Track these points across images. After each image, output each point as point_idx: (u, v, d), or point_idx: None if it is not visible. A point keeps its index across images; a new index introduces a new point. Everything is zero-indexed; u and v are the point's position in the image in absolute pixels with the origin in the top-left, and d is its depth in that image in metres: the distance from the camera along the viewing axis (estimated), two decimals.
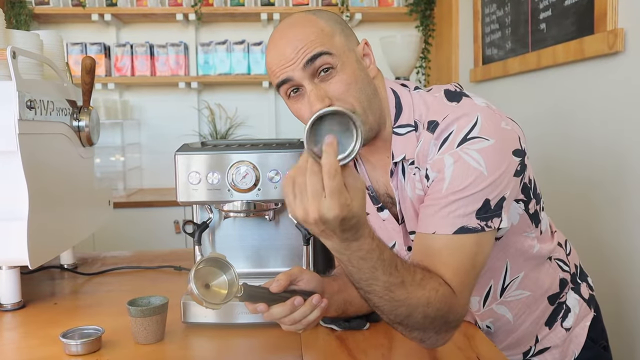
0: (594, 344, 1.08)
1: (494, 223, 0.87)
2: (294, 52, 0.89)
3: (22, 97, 1.07)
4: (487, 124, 0.87)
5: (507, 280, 1.01)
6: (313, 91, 0.89)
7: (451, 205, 0.85)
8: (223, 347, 0.97)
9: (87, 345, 0.91)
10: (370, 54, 0.96)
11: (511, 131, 0.90)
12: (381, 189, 1.02)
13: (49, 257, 1.19)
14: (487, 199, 0.85)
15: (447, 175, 0.86)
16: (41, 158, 1.16)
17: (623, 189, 1.53)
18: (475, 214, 0.85)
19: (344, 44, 0.92)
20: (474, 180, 0.84)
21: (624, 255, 1.53)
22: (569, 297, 1.08)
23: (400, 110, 0.95)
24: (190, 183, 1.04)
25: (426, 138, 0.91)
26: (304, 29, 0.91)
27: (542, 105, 1.98)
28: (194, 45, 3.23)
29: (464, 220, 0.85)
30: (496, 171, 0.85)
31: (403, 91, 0.97)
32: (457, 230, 0.85)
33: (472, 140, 0.85)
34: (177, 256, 1.56)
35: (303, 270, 0.91)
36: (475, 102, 0.91)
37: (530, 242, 1.00)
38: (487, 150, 0.85)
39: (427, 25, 3.14)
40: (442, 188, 0.86)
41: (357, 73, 0.92)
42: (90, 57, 1.30)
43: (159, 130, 3.27)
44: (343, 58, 0.90)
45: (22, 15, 2.96)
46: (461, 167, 0.85)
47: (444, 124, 0.88)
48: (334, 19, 0.94)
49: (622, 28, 1.50)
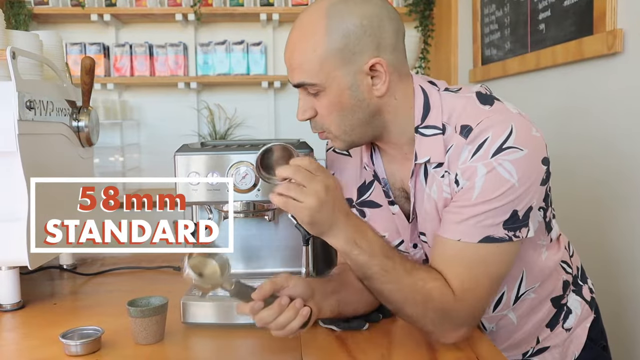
0: (593, 344, 1.08)
1: (522, 233, 0.88)
2: (290, 66, 0.93)
3: (22, 97, 1.07)
4: (521, 132, 0.86)
5: (522, 289, 1.02)
6: (300, 102, 0.95)
7: (479, 216, 0.86)
8: (223, 347, 0.97)
9: (87, 345, 0.91)
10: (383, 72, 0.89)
11: (540, 138, 0.90)
12: (397, 182, 1.02)
13: (48, 257, 1.19)
14: (515, 210, 0.86)
15: (477, 185, 0.86)
16: (41, 158, 1.16)
17: (623, 189, 1.53)
18: (503, 224, 0.86)
19: (336, 69, 0.88)
20: (504, 192, 0.85)
21: (626, 255, 1.53)
22: (570, 299, 1.08)
23: (428, 111, 0.94)
24: (190, 183, 1.04)
25: (458, 142, 0.89)
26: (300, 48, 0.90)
27: (541, 106, 1.99)
28: (193, 46, 3.23)
29: (490, 230, 0.86)
30: (527, 182, 0.86)
31: (432, 90, 0.95)
32: (483, 239, 0.86)
33: (507, 150, 0.85)
34: (177, 256, 1.56)
35: (289, 277, 0.91)
36: (508, 108, 0.91)
37: (540, 249, 1.01)
38: (520, 162, 0.85)
39: (427, 26, 3.14)
40: (471, 197, 0.86)
41: (344, 100, 0.90)
42: (90, 57, 1.29)
43: (158, 130, 3.27)
44: (330, 84, 0.89)
45: (22, 15, 2.96)
46: (493, 178, 0.85)
47: (478, 130, 0.87)
48: (343, 31, 0.87)
49: (621, 29, 1.51)
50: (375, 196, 1.05)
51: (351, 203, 1.08)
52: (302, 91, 0.94)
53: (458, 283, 0.88)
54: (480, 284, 0.88)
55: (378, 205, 1.05)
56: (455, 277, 0.88)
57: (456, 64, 2.84)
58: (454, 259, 0.89)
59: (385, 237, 1.05)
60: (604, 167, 1.61)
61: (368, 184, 1.06)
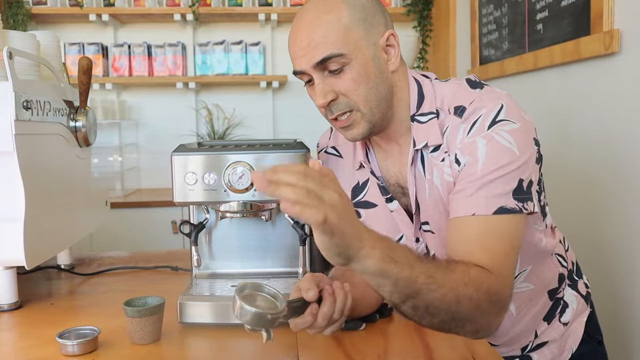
0: (590, 338, 1.09)
1: (528, 206, 0.88)
2: (307, 46, 0.90)
3: (19, 97, 1.07)
4: (512, 109, 0.90)
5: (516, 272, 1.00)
6: (319, 85, 0.92)
7: (488, 186, 0.86)
8: (219, 347, 0.97)
9: (83, 345, 0.91)
10: (396, 46, 0.95)
11: (530, 121, 0.93)
12: (392, 178, 1.03)
13: (45, 257, 1.19)
14: (521, 179, 0.87)
15: (480, 157, 0.87)
16: (38, 159, 1.16)
17: (619, 188, 1.53)
18: (512, 193, 0.86)
19: (361, 39, 0.90)
20: (509, 160, 0.86)
21: (622, 252, 1.53)
22: (567, 293, 1.09)
23: (422, 99, 0.96)
24: (187, 183, 1.04)
25: (454, 123, 0.92)
26: (322, 22, 0.89)
27: (538, 106, 1.99)
28: (191, 46, 3.23)
29: (502, 201, 0.86)
30: (526, 152, 0.88)
31: (425, 80, 0.99)
32: (497, 210, 0.85)
33: (502, 122, 0.88)
34: (174, 257, 1.56)
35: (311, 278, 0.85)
36: (497, 90, 0.94)
37: (539, 235, 1.01)
38: (517, 132, 0.88)
39: (425, 26, 3.14)
40: (476, 170, 0.87)
41: (370, 70, 0.91)
42: (87, 57, 1.30)
43: (156, 130, 3.27)
44: (356, 55, 0.90)
45: (20, 15, 2.96)
46: (494, 147, 0.87)
47: (472, 108, 0.90)
48: (360, 5, 0.91)
49: (618, 29, 1.51)
50: (371, 196, 1.05)
51: None
52: (319, 74, 0.91)
53: (489, 259, 0.82)
54: (508, 255, 0.85)
55: (373, 205, 1.05)
56: (484, 253, 0.83)
57: (454, 64, 2.84)
58: (476, 236, 0.85)
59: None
60: (600, 165, 1.62)
61: (362, 184, 1.06)
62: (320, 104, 0.92)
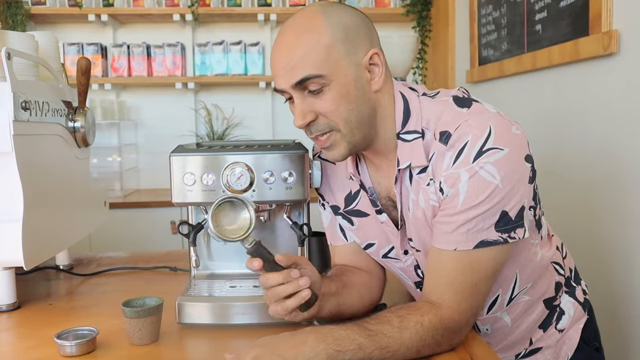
0: (586, 345, 1.08)
1: (517, 234, 0.88)
2: (286, 65, 0.88)
3: (17, 98, 1.07)
4: (500, 132, 0.85)
5: (515, 291, 1.01)
6: (299, 106, 0.90)
7: (469, 222, 0.86)
8: (218, 348, 0.97)
9: (82, 346, 0.91)
10: (380, 65, 0.91)
11: (521, 136, 0.89)
12: (383, 191, 1.02)
13: (44, 258, 1.19)
14: (505, 211, 0.86)
15: (461, 191, 0.85)
16: (36, 159, 1.16)
17: (619, 191, 1.53)
18: (495, 226, 0.86)
19: (342, 58, 0.87)
20: (489, 195, 0.84)
21: (620, 256, 1.53)
22: (564, 300, 1.08)
23: (408, 117, 0.93)
24: (185, 184, 1.04)
25: (439, 149, 0.89)
26: (302, 41, 0.87)
27: (537, 106, 1.99)
28: (190, 46, 3.23)
29: (483, 235, 0.86)
30: (511, 181, 0.85)
31: (412, 96, 0.95)
32: (478, 244, 0.87)
33: (488, 152, 0.84)
34: (172, 257, 1.56)
35: (308, 262, 0.95)
36: (485, 108, 0.90)
37: (535, 249, 1.00)
38: (501, 161, 0.84)
39: (424, 26, 3.14)
40: (457, 204, 0.86)
41: (351, 91, 0.88)
42: (86, 58, 1.29)
43: (155, 130, 3.27)
44: (336, 76, 0.87)
45: (19, 15, 2.96)
46: (476, 182, 0.85)
47: (457, 135, 0.86)
48: (342, 24, 0.89)
49: (616, 29, 1.51)
50: (362, 206, 1.04)
51: (337, 210, 1.09)
52: (298, 93, 0.89)
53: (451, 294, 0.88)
54: (478, 289, 0.89)
55: (365, 214, 1.05)
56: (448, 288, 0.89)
57: (453, 64, 2.84)
58: (447, 271, 0.89)
59: (374, 244, 1.06)
60: (598, 167, 1.62)
61: (354, 194, 1.05)
62: (299, 125, 0.91)
